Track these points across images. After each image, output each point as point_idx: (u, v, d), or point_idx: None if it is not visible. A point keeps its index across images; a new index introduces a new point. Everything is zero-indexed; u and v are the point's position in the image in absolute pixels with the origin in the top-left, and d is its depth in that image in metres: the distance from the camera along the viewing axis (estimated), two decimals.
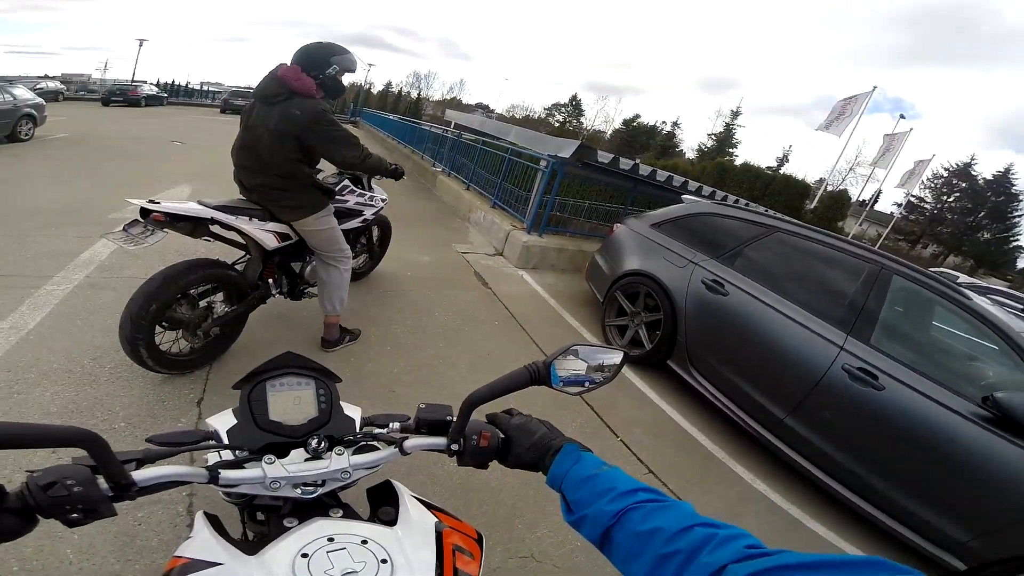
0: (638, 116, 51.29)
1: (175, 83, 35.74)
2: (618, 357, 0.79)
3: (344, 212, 2.91)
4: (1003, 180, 33.01)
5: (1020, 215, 32.75)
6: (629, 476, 0.67)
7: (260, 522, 0.82)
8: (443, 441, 0.77)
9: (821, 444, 2.68)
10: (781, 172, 25.22)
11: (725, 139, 40.19)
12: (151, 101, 24.94)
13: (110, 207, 4.46)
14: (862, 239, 22.37)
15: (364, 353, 2.91)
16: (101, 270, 3.19)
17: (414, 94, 62.83)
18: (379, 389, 2.63)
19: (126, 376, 2.22)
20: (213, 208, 2.17)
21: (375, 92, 61.53)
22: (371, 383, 2.66)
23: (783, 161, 36.30)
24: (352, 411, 0.87)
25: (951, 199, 35.03)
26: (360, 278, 3.90)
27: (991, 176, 33.61)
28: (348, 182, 3.03)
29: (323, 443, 0.75)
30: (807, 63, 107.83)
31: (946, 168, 34.79)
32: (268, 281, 2.58)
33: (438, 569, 0.64)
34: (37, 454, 1.46)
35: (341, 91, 2.46)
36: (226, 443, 0.74)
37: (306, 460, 0.73)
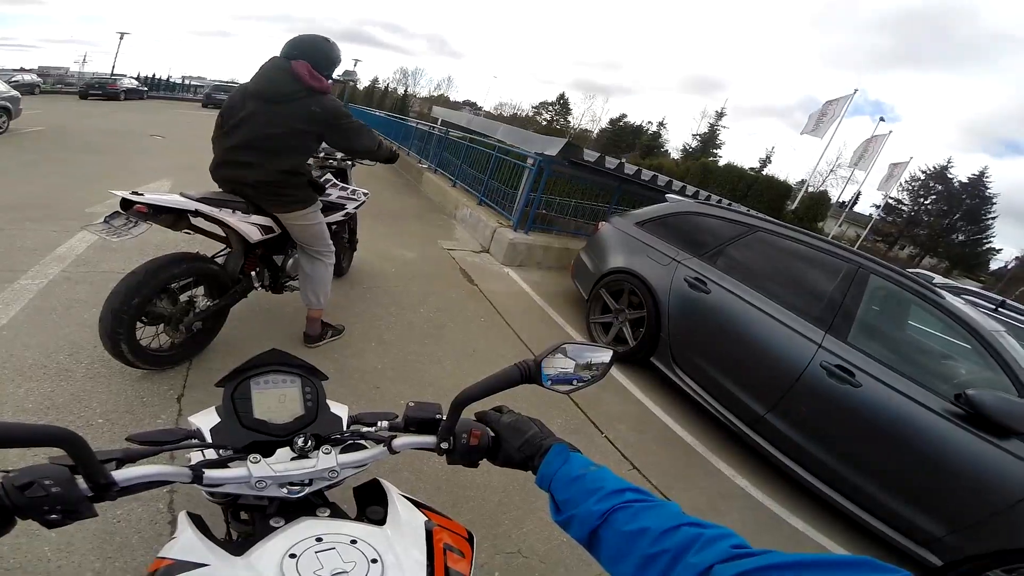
0: (625, 116, 51.74)
1: (156, 77, 34.94)
2: (607, 356, 0.79)
3: (327, 206, 2.90)
4: (978, 183, 33.92)
5: (993, 218, 33.75)
6: (617, 476, 0.67)
7: (244, 521, 0.80)
8: (432, 440, 0.76)
9: (800, 440, 2.73)
10: (763, 173, 25.70)
11: (709, 140, 40.66)
12: (131, 95, 24.28)
13: (86, 201, 4.35)
14: (841, 240, 22.79)
15: (348, 349, 2.89)
16: (78, 264, 3.11)
17: (401, 90, 62.38)
18: (363, 386, 2.61)
19: (103, 372, 2.17)
20: (196, 200, 2.13)
21: (361, 88, 60.97)
22: (355, 380, 2.64)
23: (766, 162, 36.92)
24: (339, 409, 0.85)
25: (928, 201, 35.88)
26: (341, 275, 3.86)
27: (966, 179, 34.58)
28: (331, 176, 3.01)
29: (310, 442, 0.74)
30: (791, 65, 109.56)
31: (923, 171, 35.67)
32: (250, 274, 2.55)
33: (429, 568, 0.64)
34: (9, 453, 1.42)
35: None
36: (209, 442, 0.73)
37: (292, 459, 0.72)
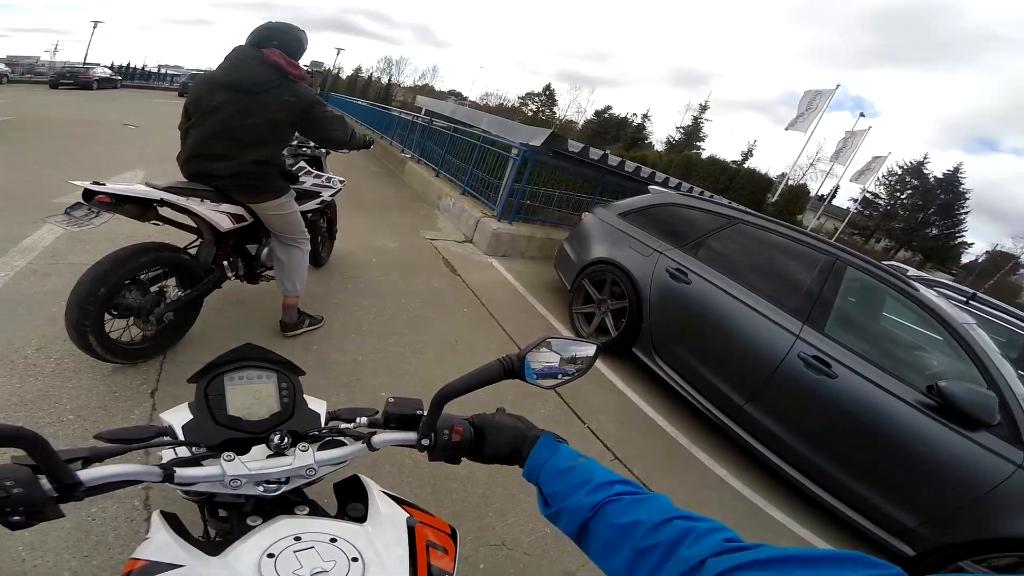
0: (610, 108, 51.71)
1: (130, 66, 34.02)
2: (591, 350, 0.78)
3: (302, 194, 2.86)
4: (952, 179, 34.73)
5: (966, 213, 34.68)
6: (605, 468, 0.66)
7: (223, 519, 0.79)
8: (413, 436, 0.75)
9: (778, 430, 2.77)
10: (745, 166, 25.99)
11: (693, 133, 40.88)
12: (103, 84, 23.65)
13: (55, 191, 4.19)
14: (820, 232, 23.20)
15: (327, 341, 2.85)
16: (45, 256, 3.01)
17: (385, 80, 61.53)
18: (344, 378, 2.58)
19: (73, 367, 2.11)
20: (162, 189, 2.07)
21: (344, 77, 59.95)
22: (335, 372, 2.61)
23: (747, 155, 37.26)
24: (317, 405, 0.84)
25: (904, 196, 36.64)
26: (320, 265, 3.82)
27: (941, 175, 35.36)
28: (304, 164, 2.97)
29: (286, 439, 0.72)
30: (774, 61, 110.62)
31: (900, 166, 36.39)
32: (223, 264, 2.51)
33: (412, 566, 0.63)
34: None
35: None
36: (181, 439, 0.71)
37: (268, 457, 0.70)
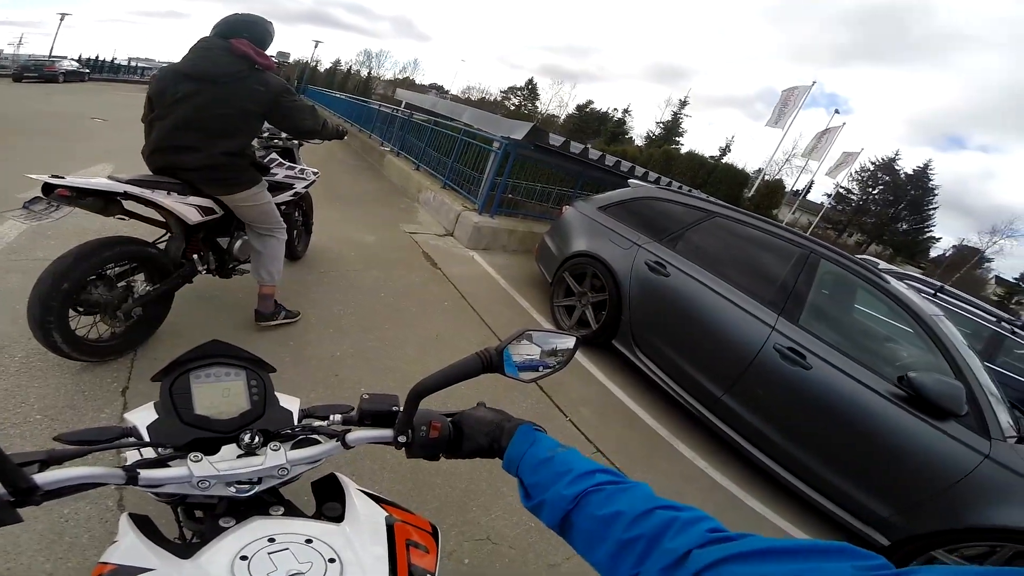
0: (591, 102, 51.71)
1: (99, 59, 32.87)
2: (571, 342, 0.78)
3: (274, 185, 2.81)
4: (922, 175, 35.89)
5: (935, 208, 35.87)
6: (586, 457, 0.66)
7: (200, 520, 0.77)
8: (389, 433, 0.73)
9: (755, 421, 2.81)
10: (723, 161, 26.31)
11: (672, 128, 41.18)
12: (70, 77, 22.94)
13: (17, 187, 4.02)
14: (795, 226, 23.68)
15: (304, 336, 2.79)
16: (8, 252, 2.88)
17: (364, 73, 60.55)
18: (322, 374, 2.53)
19: (40, 366, 2.03)
20: (125, 182, 2.00)
21: (322, 70, 58.81)
22: (313, 368, 2.55)
23: (725, 151, 37.61)
24: (289, 403, 0.82)
25: (875, 192, 37.67)
26: (297, 259, 3.76)
27: (912, 171, 36.48)
28: (276, 155, 2.92)
29: (257, 438, 0.69)
30: (752, 57, 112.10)
31: (872, 162, 37.41)
32: (193, 258, 2.44)
33: (391, 565, 0.62)
34: None
35: None
36: (147, 440, 0.68)
37: (239, 457, 0.68)
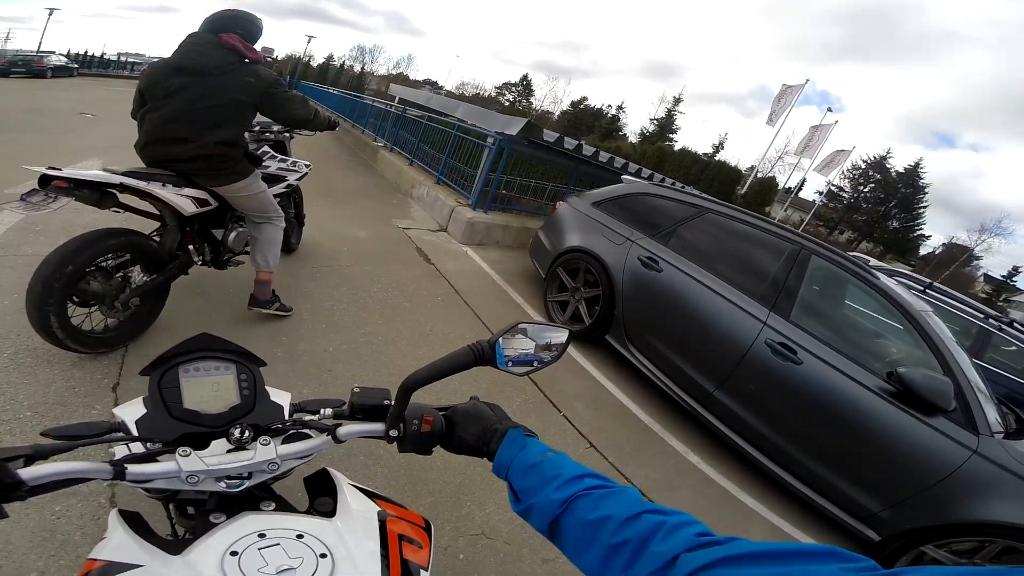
0: (586, 99, 51.69)
1: (88, 54, 32.68)
2: (564, 335, 0.78)
3: (267, 178, 2.81)
4: (913, 173, 36.15)
5: (925, 207, 36.22)
6: (575, 462, 0.66)
7: (192, 516, 0.76)
8: (380, 427, 0.73)
9: (746, 416, 2.82)
10: (716, 158, 26.36)
11: (666, 125, 41.17)
12: (59, 72, 22.81)
13: (5, 181, 3.99)
14: (787, 223, 23.84)
15: (296, 332, 2.77)
16: None
17: (357, 68, 60.10)
18: (314, 369, 2.52)
19: (29, 362, 2.00)
20: (121, 174, 2.01)
21: (315, 65, 58.33)
22: (305, 363, 2.54)
23: (718, 148, 37.64)
24: (280, 397, 0.81)
25: (866, 189, 37.93)
26: (291, 251, 3.74)
27: (903, 169, 36.75)
28: (268, 148, 2.93)
29: (247, 433, 0.69)
30: (745, 55, 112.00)
31: (864, 160, 37.63)
32: (189, 250, 2.47)
33: (384, 560, 0.61)
34: None
35: None
36: (135, 435, 0.68)
37: (228, 451, 0.67)
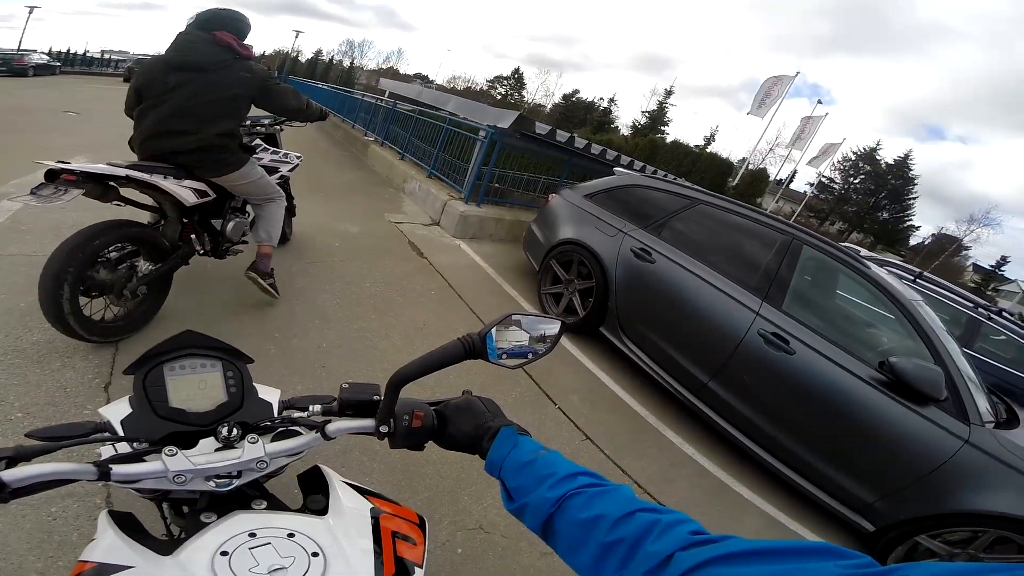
0: (577, 92, 51.51)
1: (71, 52, 32.32)
2: (556, 327, 0.77)
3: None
4: (902, 165, 36.45)
5: (915, 198, 36.60)
6: (568, 460, 0.65)
7: (185, 516, 0.76)
8: (370, 423, 0.72)
9: (740, 407, 2.84)
10: (707, 150, 26.46)
11: (658, 117, 41.11)
12: (41, 71, 22.59)
13: None
14: (778, 215, 24.02)
15: (290, 328, 2.76)
16: None
17: (347, 63, 59.48)
18: (307, 366, 2.50)
19: (18, 363, 1.98)
20: (126, 167, 2.07)
21: (303, 60, 57.72)
22: (298, 360, 2.52)
23: (710, 140, 37.70)
24: (269, 394, 0.80)
25: (857, 181, 38.19)
26: (285, 242, 3.73)
27: (892, 161, 37.04)
28: (260, 141, 2.96)
29: (235, 431, 0.68)
30: (736, 47, 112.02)
31: (854, 152, 37.90)
32: (190, 240, 2.54)
33: (378, 558, 0.61)
34: None
35: None
36: (120, 435, 0.67)
37: (216, 450, 0.66)
